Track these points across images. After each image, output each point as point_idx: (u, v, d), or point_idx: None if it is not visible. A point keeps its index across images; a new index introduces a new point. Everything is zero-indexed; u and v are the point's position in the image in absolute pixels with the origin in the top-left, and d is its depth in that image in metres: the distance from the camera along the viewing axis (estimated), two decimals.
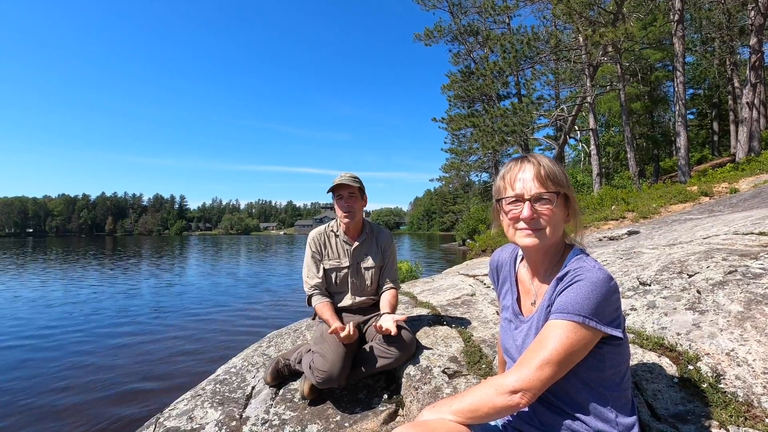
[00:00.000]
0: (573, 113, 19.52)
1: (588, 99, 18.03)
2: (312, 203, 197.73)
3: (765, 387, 1.31)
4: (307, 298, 2.28)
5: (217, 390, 2.29)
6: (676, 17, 15.11)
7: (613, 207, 12.15)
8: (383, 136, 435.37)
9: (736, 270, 1.96)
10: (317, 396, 2.06)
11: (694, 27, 23.53)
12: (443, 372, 1.92)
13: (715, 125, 28.52)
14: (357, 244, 2.33)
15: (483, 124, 19.27)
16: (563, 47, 18.34)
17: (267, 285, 13.44)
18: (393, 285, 2.33)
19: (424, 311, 2.84)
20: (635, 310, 1.96)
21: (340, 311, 2.30)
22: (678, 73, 15.28)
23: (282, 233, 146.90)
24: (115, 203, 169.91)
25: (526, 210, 1.04)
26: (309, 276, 2.29)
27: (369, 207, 2.43)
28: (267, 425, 1.93)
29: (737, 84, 22.35)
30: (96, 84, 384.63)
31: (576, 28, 16.64)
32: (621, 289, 2.16)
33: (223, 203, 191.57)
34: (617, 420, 1.01)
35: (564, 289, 1.00)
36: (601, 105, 28.52)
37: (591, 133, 18.74)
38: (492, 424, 1.15)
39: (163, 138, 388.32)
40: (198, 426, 1.99)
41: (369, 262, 2.33)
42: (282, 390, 2.20)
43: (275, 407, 2.05)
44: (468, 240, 25.57)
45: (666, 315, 1.82)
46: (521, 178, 1.06)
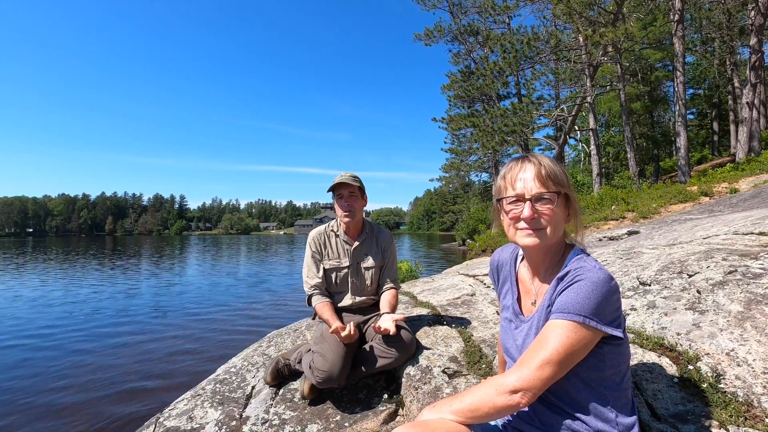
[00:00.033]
0: (573, 113, 19.53)
1: (588, 99, 18.04)
2: (312, 203, 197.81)
3: (765, 387, 1.31)
4: (307, 297, 2.28)
5: (217, 390, 2.29)
6: (676, 17, 15.11)
7: (613, 207, 12.15)
8: (383, 136, 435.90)
9: (736, 270, 1.96)
10: (317, 396, 2.06)
11: (694, 27, 23.53)
12: (443, 372, 1.92)
13: (715, 125, 28.52)
14: (357, 243, 2.33)
15: (483, 124, 19.27)
16: (563, 47, 18.35)
17: (267, 285, 13.45)
18: (393, 285, 2.32)
19: (424, 311, 2.84)
20: (635, 310, 1.96)
21: (340, 311, 2.30)
22: (678, 73, 15.29)
23: (282, 233, 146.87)
24: (115, 203, 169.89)
25: (526, 210, 1.04)
26: (309, 276, 2.29)
27: (369, 207, 2.43)
28: (267, 425, 1.93)
29: (737, 84, 22.34)
30: (96, 84, 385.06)
31: (576, 28, 16.64)
32: (621, 289, 2.16)
33: (223, 203, 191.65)
34: (617, 420, 1.01)
35: (564, 289, 1.00)
36: (601, 105, 28.52)
37: (591, 133, 18.74)
38: (492, 423, 1.16)
39: (163, 138, 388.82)
40: (198, 426, 1.99)
41: (369, 261, 2.33)
42: (282, 390, 2.20)
43: (275, 407, 2.05)
44: (468, 240, 25.58)
45: (666, 315, 1.82)
46: (522, 177, 1.06)
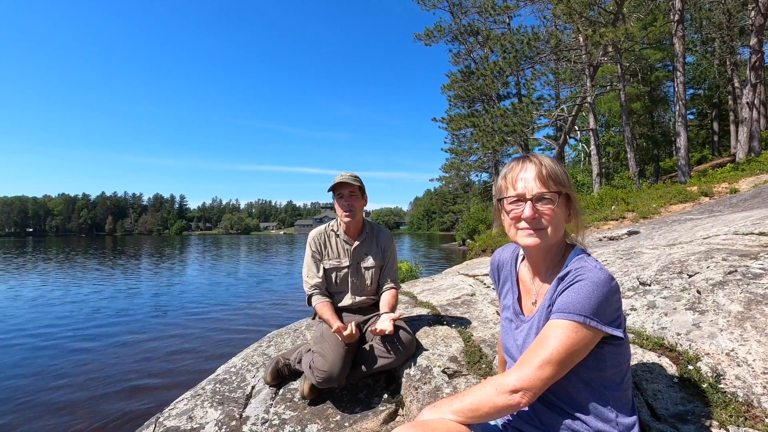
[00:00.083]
0: (573, 113, 19.53)
1: (588, 99, 18.04)
2: (312, 203, 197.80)
3: (765, 387, 1.31)
4: (307, 297, 2.28)
5: (217, 389, 2.29)
6: (676, 17, 15.11)
7: (613, 207, 12.15)
8: (383, 136, 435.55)
9: (736, 270, 1.96)
10: (317, 396, 2.06)
11: (694, 27, 23.54)
12: (443, 372, 1.92)
13: (715, 125, 28.52)
14: (357, 243, 2.33)
15: (483, 124, 19.28)
16: (563, 47, 18.34)
17: (267, 284, 13.45)
18: (393, 285, 2.32)
19: (424, 311, 2.84)
20: (635, 310, 1.96)
21: (340, 311, 2.30)
22: (678, 73, 15.29)
23: (282, 233, 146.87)
24: (115, 203, 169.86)
25: (527, 210, 1.04)
26: (309, 275, 2.29)
27: (369, 207, 2.43)
28: (267, 425, 1.93)
29: (737, 84, 22.34)
30: (96, 84, 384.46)
31: (576, 28, 16.64)
32: (621, 289, 2.15)
33: (223, 203, 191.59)
34: (617, 420, 1.01)
35: (565, 289, 1.00)
36: (601, 105, 28.52)
37: (591, 133, 18.74)
38: (492, 423, 1.16)
39: (163, 138, 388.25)
40: (198, 425, 1.99)
41: (369, 261, 2.33)
42: (282, 390, 2.20)
43: (275, 407, 2.05)
44: (468, 240, 25.58)
45: (666, 315, 1.82)
46: (523, 177, 1.06)
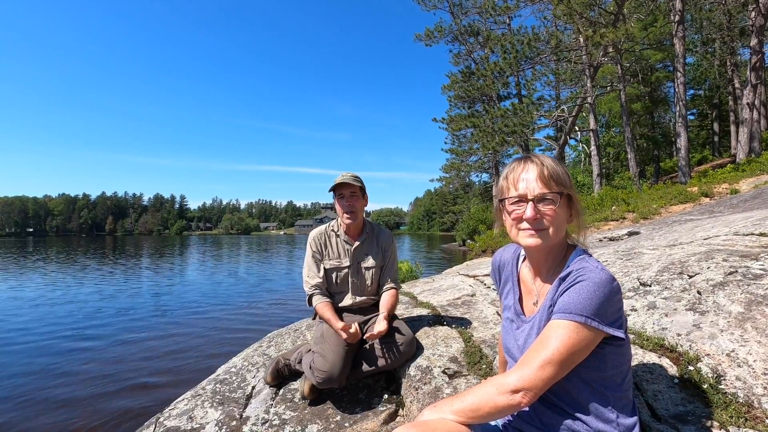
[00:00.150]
0: (573, 114, 19.52)
1: (588, 99, 18.03)
2: (312, 203, 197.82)
3: (765, 388, 1.31)
4: (308, 297, 2.28)
5: (218, 390, 2.29)
6: (676, 18, 15.11)
7: (614, 207, 12.15)
8: (383, 136, 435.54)
9: (736, 271, 1.96)
10: (317, 396, 2.06)
11: (694, 28, 23.52)
12: (443, 372, 1.92)
13: (716, 126, 28.51)
14: (357, 243, 2.33)
15: (483, 124, 19.28)
16: (564, 48, 18.33)
17: (267, 284, 13.46)
18: (393, 285, 2.32)
19: (424, 311, 2.84)
20: (636, 310, 1.96)
21: (340, 311, 2.30)
22: (678, 74, 15.28)
23: (282, 233, 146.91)
24: (116, 203, 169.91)
25: (529, 210, 1.04)
26: (309, 276, 2.29)
27: (369, 207, 2.43)
28: (267, 425, 1.93)
29: (738, 85, 22.33)
30: (96, 84, 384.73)
31: (576, 28, 16.63)
32: (621, 290, 2.16)
33: (224, 203, 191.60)
34: (618, 421, 1.01)
35: (566, 290, 1.00)
36: (602, 105, 28.51)
37: (591, 134, 18.73)
38: (492, 424, 1.15)
39: (163, 138, 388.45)
40: (198, 426, 1.99)
41: (369, 262, 2.33)
42: (282, 390, 2.20)
43: (275, 407, 2.05)
44: (468, 240, 25.58)
45: (666, 316, 1.82)
46: (524, 178, 1.06)
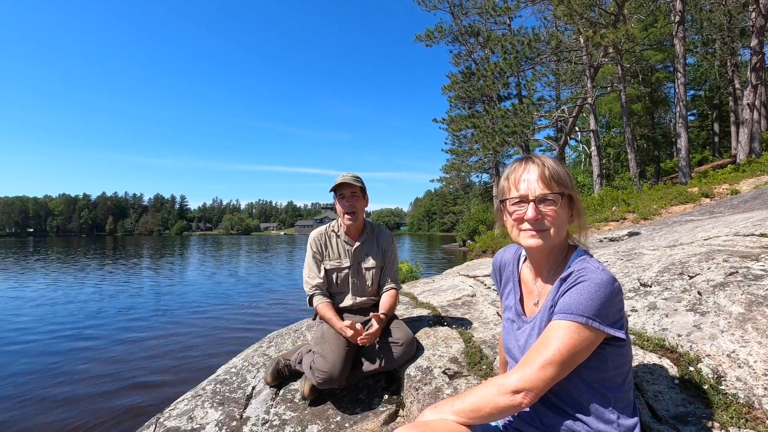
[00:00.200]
0: (574, 114, 19.54)
1: (589, 100, 18.04)
2: (312, 203, 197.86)
3: (766, 388, 1.31)
4: (308, 298, 2.27)
5: (218, 390, 2.29)
6: (677, 18, 15.11)
7: (614, 208, 12.15)
8: (383, 136, 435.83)
9: (737, 271, 1.95)
10: (318, 396, 2.06)
11: (695, 28, 23.52)
12: (444, 373, 1.92)
13: (716, 126, 28.50)
14: (358, 244, 2.33)
15: (483, 125, 19.29)
16: (564, 48, 18.33)
17: (268, 284, 13.46)
18: (393, 285, 2.32)
19: (424, 312, 2.84)
20: (636, 311, 1.96)
21: (340, 311, 2.30)
22: (679, 75, 15.29)
23: (282, 233, 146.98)
24: (116, 203, 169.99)
25: (530, 211, 1.04)
26: (310, 276, 2.29)
27: (369, 207, 2.43)
28: (267, 425, 1.93)
29: (738, 85, 22.35)
30: (96, 84, 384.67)
31: (577, 29, 16.64)
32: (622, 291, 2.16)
33: (224, 203, 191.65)
34: (619, 421, 1.01)
35: (567, 290, 1.00)
36: (602, 106, 28.52)
37: (592, 134, 18.74)
38: (493, 425, 1.15)
39: (163, 138, 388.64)
40: (198, 426, 1.99)
41: (370, 262, 2.33)
42: (282, 390, 2.20)
43: (275, 407, 2.05)
44: (468, 241, 25.59)
45: (667, 316, 1.81)
46: (525, 179, 1.06)
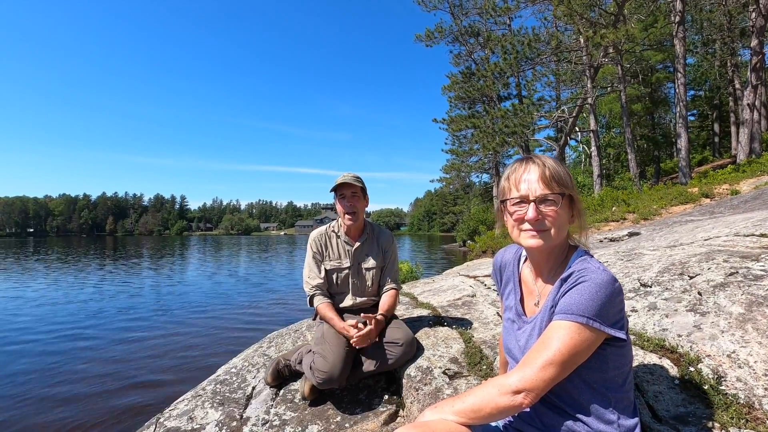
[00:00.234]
0: (574, 114, 19.54)
1: (589, 100, 18.03)
2: (312, 204, 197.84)
3: (766, 389, 1.31)
4: (309, 298, 2.27)
5: (218, 390, 2.28)
6: (677, 19, 15.12)
7: (614, 208, 12.15)
8: (383, 136, 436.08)
9: (737, 272, 1.95)
10: (318, 396, 2.06)
11: (695, 28, 23.53)
12: (444, 373, 1.92)
13: (716, 127, 28.50)
14: (358, 244, 2.33)
15: (484, 125, 19.30)
16: (564, 48, 18.34)
17: (268, 284, 13.46)
18: (394, 286, 2.32)
19: (424, 312, 2.84)
20: (636, 311, 1.96)
21: (340, 312, 2.30)
22: (679, 75, 15.29)
23: (282, 233, 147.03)
24: (116, 203, 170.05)
25: (531, 211, 1.04)
26: (310, 276, 2.29)
27: (369, 208, 2.43)
28: (267, 426, 1.93)
29: (738, 85, 22.34)
30: (96, 84, 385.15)
31: (577, 29, 16.64)
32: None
33: (224, 203, 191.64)
34: (619, 422, 1.01)
35: (568, 290, 1.00)
36: (602, 106, 28.52)
37: (592, 135, 18.74)
38: (493, 425, 1.15)
39: (163, 138, 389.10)
40: (198, 426, 1.99)
41: (370, 262, 2.33)
42: (282, 390, 2.20)
43: (276, 408, 2.05)
44: (468, 241, 25.58)
45: (667, 316, 1.81)
46: (526, 179, 1.06)
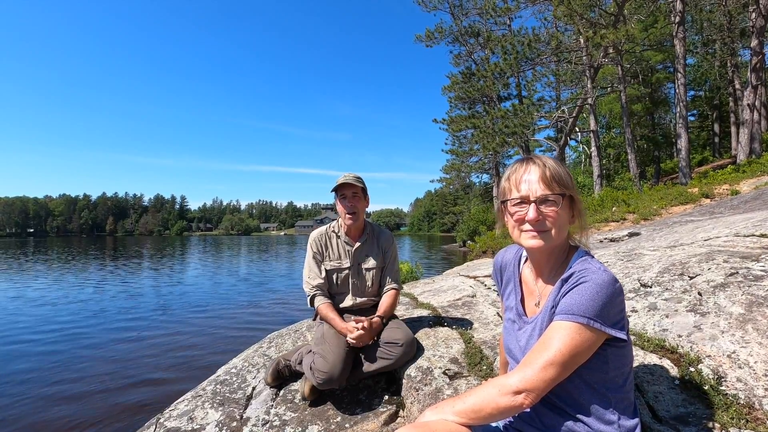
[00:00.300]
0: (574, 115, 19.55)
1: (589, 100, 18.04)
2: (312, 204, 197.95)
3: (766, 389, 1.31)
4: (309, 298, 2.27)
5: (218, 390, 2.28)
6: (677, 19, 15.12)
7: (614, 208, 12.15)
8: (383, 136, 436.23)
9: (737, 272, 1.95)
10: (318, 397, 2.06)
11: (695, 29, 23.55)
12: (444, 373, 1.92)
13: (716, 127, 28.51)
14: (358, 244, 2.33)
15: (484, 125, 19.30)
16: (564, 49, 18.35)
17: (269, 284, 13.46)
18: (394, 286, 2.32)
19: (424, 312, 2.84)
20: (636, 311, 1.96)
21: (340, 312, 2.30)
22: (679, 75, 15.30)
23: (282, 234, 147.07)
24: (116, 203, 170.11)
25: (531, 212, 1.04)
26: (310, 276, 2.29)
27: (369, 208, 2.43)
28: (267, 426, 1.93)
29: (738, 86, 22.33)
30: (96, 84, 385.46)
31: (577, 29, 16.65)
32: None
33: (224, 204, 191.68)
34: (620, 422, 1.00)
35: (569, 291, 1.00)
36: (602, 106, 28.51)
37: (592, 135, 18.74)
38: (493, 425, 1.15)
39: (163, 138, 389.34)
40: (198, 426, 1.99)
41: (370, 263, 2.33)
42: (282, 391, 2.20)
43: (276, 408, 2.05)
44: (468, 241, 25.56)
45: (667, 317, 1.81)
46: (526, 179, 1.06)
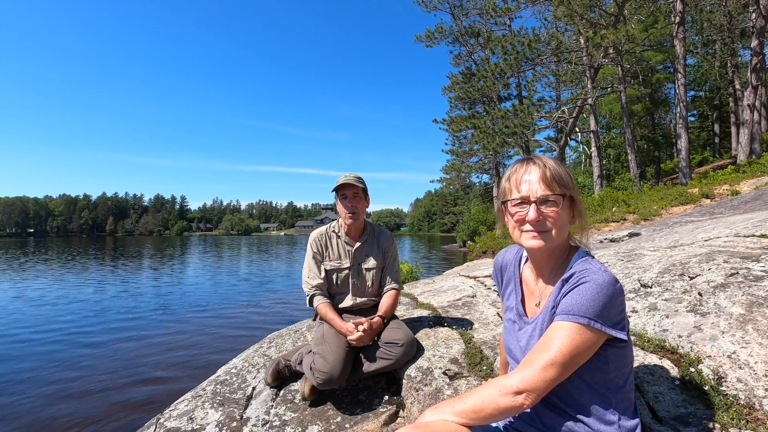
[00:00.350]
0: (574, 115, 19.55)
1: (589, 101, 18.04)
2: (312, 204, 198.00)
3: (767, 389, 1.31)
4: (308, 298, 2.27)
5: (218, 391, 2.29)
6: (677, 19, 15.13)
7: (614, 209, 12.15)
8: (383, 136, 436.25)
9: (737, 272, 1.95)
10: (318, 397, 2.06)
11: (695, 29, 23.55)
12: (444, 373, 1.92)
13: (716, 127, 28.49)
14: (358, 245, 2.33)
15: (484, 125, 19.30)
16: (564, 49, 18.34)
17: (269, 284, 13.46)
18: (394, 286, 2.32)
19: (424, 312, 2.84)
20: (636, 312, 1.96)
21: (340, 312, 2.30)
22: (679, 75, 15.30)
23: (282, 234, 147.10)
24: (116, 203, 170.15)
25: (531, 212, 1.04)
26: (310, 276, 2.29)
27: (369, 208, 2.43)
28: (267, 426, 1.93)
29: (738, 86, 22.32)
30: (96, 84, 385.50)
31: (577, 29, 16.64)
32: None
33: (224, 204, 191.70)
34: (620, 423, 1.00)
35: (569, 291, 1.00)
36: (602, 107, 28.49)
37: (592, 135, 18.74)
38: (493, 425, 1.15)
39: (163, 138, 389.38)
40: (198, 426, 1.99)
41: (370, 263, 2.33)
42: (282, 391, 2.20)
43: (276, 408, 2.05)
44: (468, 241, 25.56)
45: (667, 317, 1.81)
46: (527, 180, 1.06)
